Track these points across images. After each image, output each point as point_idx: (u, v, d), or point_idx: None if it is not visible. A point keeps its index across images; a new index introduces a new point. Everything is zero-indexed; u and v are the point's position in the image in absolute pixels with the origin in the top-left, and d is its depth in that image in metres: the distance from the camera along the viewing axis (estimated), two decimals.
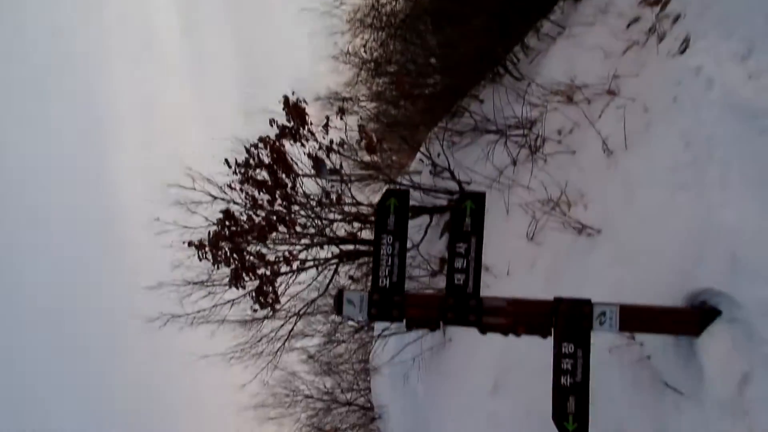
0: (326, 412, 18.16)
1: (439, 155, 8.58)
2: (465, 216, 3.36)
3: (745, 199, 3.10)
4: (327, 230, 9.23)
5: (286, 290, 9.61)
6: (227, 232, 7.90)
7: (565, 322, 3.23)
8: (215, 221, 8.24)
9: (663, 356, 3.52)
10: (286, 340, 10.98)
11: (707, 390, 3.10)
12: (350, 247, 9.63)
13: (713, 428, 3.02)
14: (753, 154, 3.12)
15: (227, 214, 7.96)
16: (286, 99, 7.72)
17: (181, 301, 9.61)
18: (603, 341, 3.87)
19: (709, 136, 3.50)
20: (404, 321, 3.42)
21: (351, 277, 10.63)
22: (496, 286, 6.16)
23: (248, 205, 8.30)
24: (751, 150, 3.13)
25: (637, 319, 3.26)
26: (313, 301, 10.62)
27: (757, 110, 3.25)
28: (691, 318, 3.24)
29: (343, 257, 9.72)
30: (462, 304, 3.32)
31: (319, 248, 9.52)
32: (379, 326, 11.41)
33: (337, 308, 3.43)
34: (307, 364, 17.70)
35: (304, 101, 7.87)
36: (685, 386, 3.29)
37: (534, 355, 5.01)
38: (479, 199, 3.35)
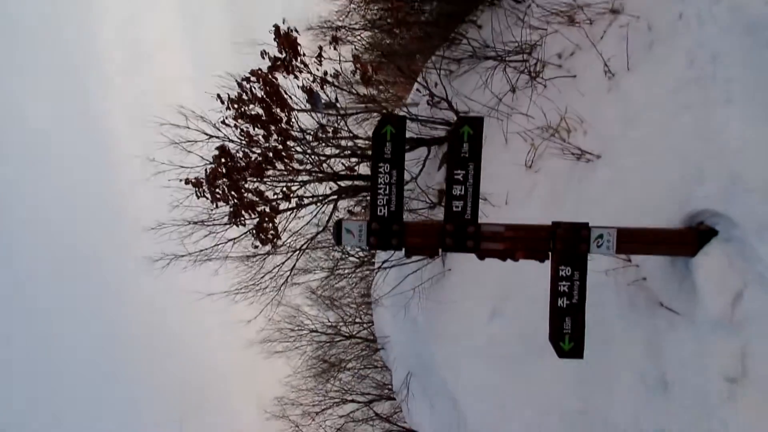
0: (331, 345, 18.82)
1: (436, 85, 8.36)
2: (462, 142, 3.30)
3: (748, 116, 3.03)
4: (324, 166, 9.16)
5: (286, 227, 9.70)
6: (224, 170, 7.83)
7: (563, 245, 3.25)
8: (211, 159, 8.17)
9: (659, 277, 3.57)
10: (288, 276, 11.17)
11: (701, 308, 3.16)
12: (349, 182, 9.59)
13: (706, 345, 3.10)
14: (758, 69, 3.02)
15: (223, 150, 7.86)
16: (276, 28, 7.41)
17: (182, 241, 9.74)
18: (600, 264, 3.92)
19: (714, 53, 3.38)
20: (403, 249, 3.44)
21: (350, 211, 10.67)
22: (494, 215, 6.17)
23: (244, 142, 8.19)
24: (757, 64, 3.02)
25: (634, 241, 3.27)
26: (314, 237, 10.72)
27: (765, 22, 3.11)
28: (688, 239, 3.26)
29: (342, 193, 9.71)
30: (460, 231, 3.33)
31: (317, 184, 9.49)
32: (379, 259, 11.57)
33: (337, 238, 3.44)
34: (311, 299, 18.16)
35: (296, 30, 7.57)
36: (679, 306, 3.35)
37: (530, 282, 5.10)
38: (477, 123, 3.27)
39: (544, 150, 5.43)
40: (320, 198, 9.60)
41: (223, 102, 7.91)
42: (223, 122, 8.21)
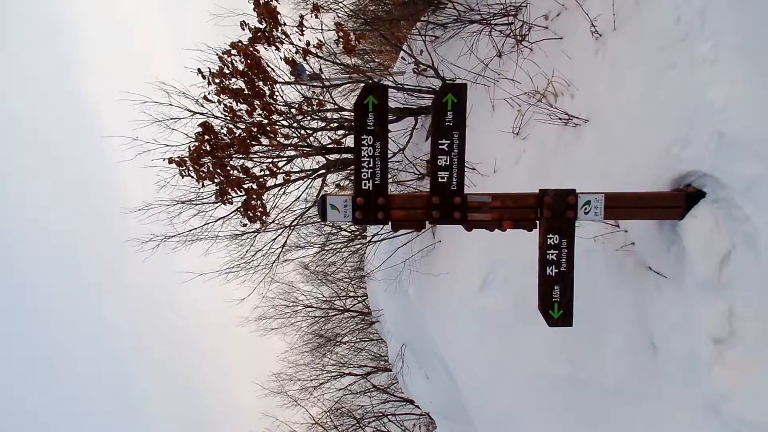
0: (326, 319, 18.98)
1: (421, 52, 8.18)
2: (446, 110, 3.21)
3: (735, 73, 2.95)
4: (311, 139, 9.02)
5: (275, 204, 9.60)
6: (208, 147, 7.68)
7: (550, 213, 3.21)
8: (194, 136, 8.00)
9: (647, 242, 3.55)
10: (280, 252, 11.12)
11: (689, 271, 3.15)
12: (336, 155, 9.47)
13: (694, 307, 3.10)
14: (746, 22, 2.93)
15: (206, 127, 7.68)
16: None
17: (171, 222, 9.63)
18: (588, 231, 3.89)
19: (701, 9, 3.28)
20: (390, 223, 3.39)
21: (338, 186, 10.57)
22: (483, 184, 6.13)
23: (228, 118, 8.01)
24: (746, 17, 2.93)
25: (621, 206, 3.24)
26: (304, 212, 10.63)
27: None
28: (676, 201, 3.22)
29: (331, 167, 9.58)
30: (447, 202, 3.27)
31: (304, 159, 9.36)
32: (370, 232, 11.53)
33: (322, 214, 3.37)
34: (304, 275, 18.21)
35: None
36: (668, 269, 3.34)
37: (519, 253, 5.08)
38: (460, 90, 3.17)
39: (531, 116, 5.35)
40: (308, 173, 9.48)
41: (204, 77, 7.71)
42: (205, 98, 8.02)
